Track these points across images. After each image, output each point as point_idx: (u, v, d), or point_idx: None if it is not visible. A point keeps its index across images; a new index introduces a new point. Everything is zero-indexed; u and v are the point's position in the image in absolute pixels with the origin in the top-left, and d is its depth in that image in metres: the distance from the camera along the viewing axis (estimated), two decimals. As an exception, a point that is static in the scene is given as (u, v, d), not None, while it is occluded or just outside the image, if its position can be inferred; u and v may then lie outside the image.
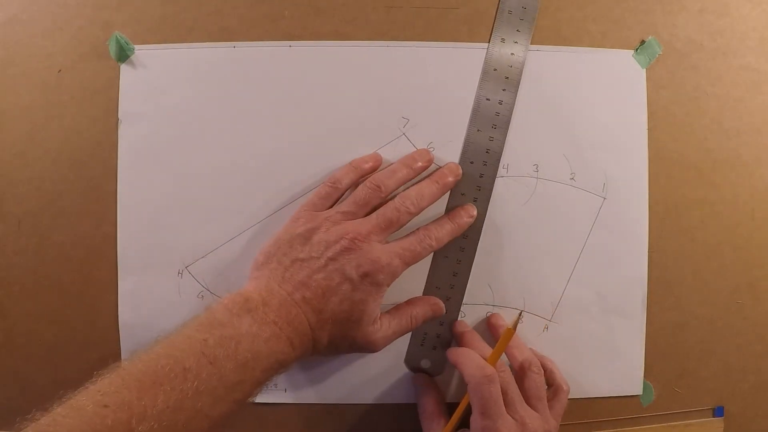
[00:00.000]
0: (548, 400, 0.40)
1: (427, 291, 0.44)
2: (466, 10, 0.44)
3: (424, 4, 0.44)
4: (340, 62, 0.43)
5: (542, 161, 0.44)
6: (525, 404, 0.38)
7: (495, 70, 0.43)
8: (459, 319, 0.44)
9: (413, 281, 0.43)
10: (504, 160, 0.44)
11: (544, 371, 0.41)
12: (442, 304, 0.43)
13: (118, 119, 0.43)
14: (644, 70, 0.45)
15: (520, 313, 0.41)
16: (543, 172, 0.44)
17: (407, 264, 0.39)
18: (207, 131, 0.43)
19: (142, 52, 0.43)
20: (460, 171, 0.42)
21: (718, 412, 0.46)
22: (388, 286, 0.39)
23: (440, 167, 0.43)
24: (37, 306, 0.44)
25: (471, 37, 0.44)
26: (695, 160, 0.45)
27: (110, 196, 0.43)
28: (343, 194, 0.41)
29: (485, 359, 0.39)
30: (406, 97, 0.43)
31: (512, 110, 0.43)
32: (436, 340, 0.44)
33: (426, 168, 0.42)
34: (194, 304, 0.43)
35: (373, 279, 0.37)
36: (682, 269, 0.45)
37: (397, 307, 0.42)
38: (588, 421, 0.45)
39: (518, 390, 0.39)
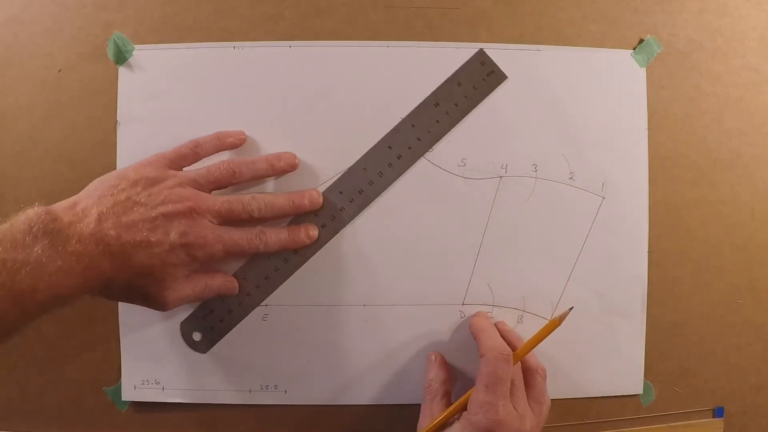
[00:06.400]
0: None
1: (234, 276, 0.43)
2: (466, 10, 0.44)
3: (424, 4, 0.44)
4: (340, 62, 0.43)
5: (541, 161, 0.44)
6: (527, 401, 0.38)
7: (413, 126, 0.43)
8: (460, 319, 0.44)
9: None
10: (503, 160, 0.44)
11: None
12: (237, 285, 0.42)
13: (117, 121, 0.43)
14: (644, 69, 0.45)
15: (571, 308, 0.40)
16: (542, 172, 0.44)
17: (228, 254, 0.39)
18: (206, 132, 0.43)
19: (141, 52, 0.43)
20: (320, 202, 0.42)
21: (718, 412, 0.46)
22: (202, 264, 0.39)
23: (303, 191, 0.42)
24: (37, 306, 0.44)
25: (471, 37, 0.44)
26: (695, 160, 0.45)
27: (110, 196, 0.43)
28: (199, 160, 0.41)
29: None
30: (406, 98, 0.43)
31: (406, 169, 0.43)
32: (217, 323, 0.43)
33: (287, 171, 0.42)
34: (193, 304, 0.43)
35: (190, 251, 0.37)
36: (682, 269, 0.45)
37: (195, 273, 0.40)
38: (588, 421, 0.45)
39: (524, 387, 0.39)
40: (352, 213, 0.43)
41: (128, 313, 0.44)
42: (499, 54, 0.44)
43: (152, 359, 0.44)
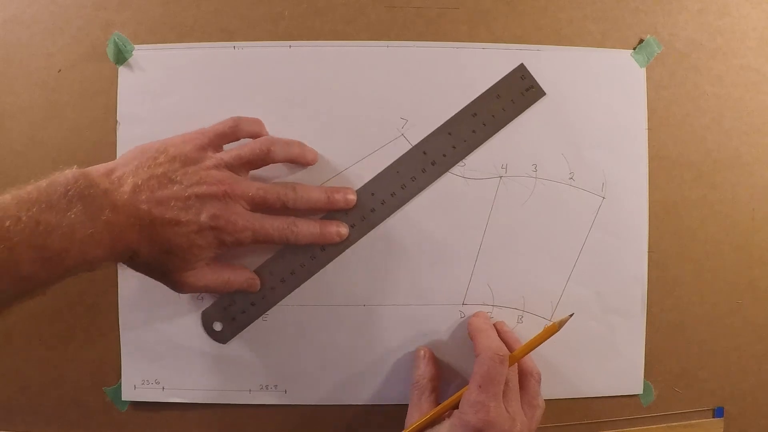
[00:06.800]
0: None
1: (260, 269, 0.43)
2: (466, 10, 0.44)
3: (424, 4, 0.44)
4: (340, 62, 0.43)
5: (541, 161, 0.44)
6: (520, 404, 0.38)
7: (449, 134, 0.43)
8: (460, 319, 0.44)
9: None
10: (502, 160, 0.44)
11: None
12: (258, 283, 0.42)
13: (117, 121, 0.43)
14: (644, 69, 0.45)
15: (571, 315, 0.40)
16: (542, 172, 0.44)
17: (257, 241, 0.39)
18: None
19: (141, 52, 0.43)
20: (353, 201, 0.42)
21: (718, 412, 0.46)
22: (228, 248, 0.39)
23: (339, 187, 0.42)
24: (37, 306, 0.44)
25: (471, 37, 0.44)
26: (695, 160, 0.45)
27: (110, 196, 0.43)
28: (237, 141, 0.41)
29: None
30: (405, 98, 0.43)
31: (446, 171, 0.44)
32: (239, 314, 0.43)
33: (309, 162, 0.42)
34: (194, 305, 0.43)
35: (219, 235, 0.37)
36: (682, 269, 0.45)
37: (219, 265, 0.40)
38: (588, 421, 0.45)
39: (518, 389, 0.39)
40: (382, 215, 0.43)
41: (128, 313, 0.44)
42: (499, 54, 0.44)
43: (152, 359, 0.44)
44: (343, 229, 0.42)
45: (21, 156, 0.44)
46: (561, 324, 0.39)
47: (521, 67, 0.44)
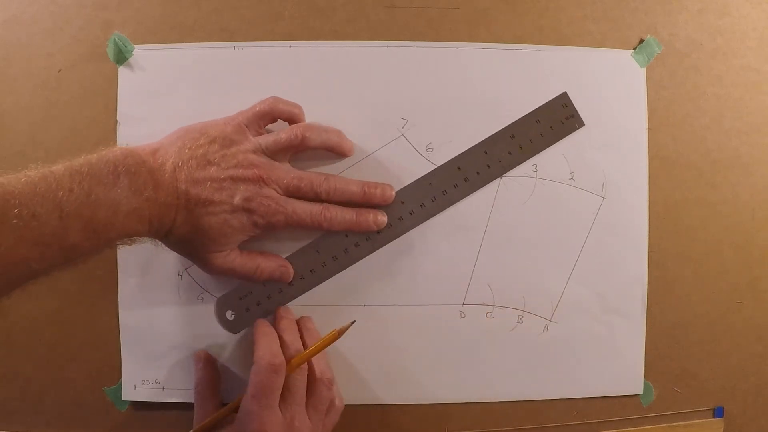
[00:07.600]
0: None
1: (291, 258, 0.43)
2: (466, 10, 0.44)
3: (424, 4, 0.44)
4: (340, 62, 0.43)
5: (541, 161, 0.44)
6: (304, 408, 0.38)
7: (485, 153, 0.43)
8: (460, 319, 0.44)
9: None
10: (503, 159, 0.44)
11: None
12: (291, 273, 0.42)
13: (117, 121, 0.43)
14: (644, 69, 0.45)
15: (353, 322, 0.40)
16: (542, 172, 0.44)
17: (289, 225, 0.39)
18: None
19: (141, 52, 0.43)
20: (392, 196, 0.42)
21: (718, 412, 0.46)
22: (261, 231, 0.39)
23: (377, 182, 0.42)
24: (37, 306, 0.44)
25: (471, 37, 0.44)
26: (695, 160, 0.45)
27: (110, 196, 0.43)
28: (275, 121, 0.41)
29: (293, 353, 0.39)
30: (406, 98, 0.43)
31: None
32: (254, 306, 0.43)
33: (346, 152, 0.42)
34: (194, 306, 0.43)
35: (252, 217, 0.38)
36: (682, 269, 0.45)
37: (250, 251, 0.41)
38: (588, 421, 0.45)
39: (304, 394, 0.38)
40: (409, 225, 0.43)
41: (128, 313, 0.44)
42: (499, 54, 0.44)
43: (152, 359, 0.44)
44: (381, 219, 0.42)
45: (21, 156, 0.44)
46: (342, 331, 0.39)
47: (564, 95, 0.44)
